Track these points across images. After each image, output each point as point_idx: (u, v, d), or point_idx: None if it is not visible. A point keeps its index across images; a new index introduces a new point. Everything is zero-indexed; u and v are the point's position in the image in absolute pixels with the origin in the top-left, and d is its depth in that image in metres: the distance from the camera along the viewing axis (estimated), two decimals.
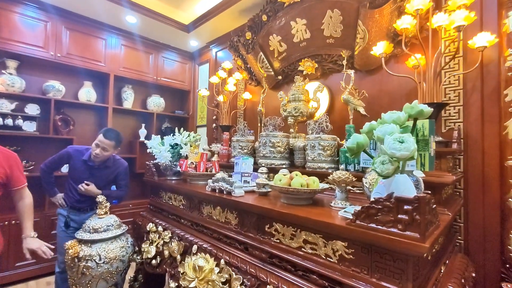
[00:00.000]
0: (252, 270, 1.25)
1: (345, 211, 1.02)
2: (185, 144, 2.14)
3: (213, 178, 1.68)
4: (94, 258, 1.75)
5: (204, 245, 1.55)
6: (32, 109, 2.84)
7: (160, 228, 1.94)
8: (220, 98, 3.01)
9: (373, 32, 1.87)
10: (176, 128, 2.34)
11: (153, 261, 1.83)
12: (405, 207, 0.80)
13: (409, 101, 1.86)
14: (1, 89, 2.38)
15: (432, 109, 0.96)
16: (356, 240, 0.94)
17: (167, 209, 2.07)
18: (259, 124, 2.61)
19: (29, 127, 2.79)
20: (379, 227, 0.85)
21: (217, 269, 1.40)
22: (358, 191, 1.49)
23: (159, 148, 2.14)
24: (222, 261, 1.39)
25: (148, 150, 2.26)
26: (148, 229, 2.04)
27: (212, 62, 3.77)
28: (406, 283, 0.83)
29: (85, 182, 2.04)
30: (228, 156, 2.41)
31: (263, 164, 1.90)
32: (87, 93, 3.19)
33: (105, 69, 3.24)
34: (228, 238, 1.49)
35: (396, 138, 0.82)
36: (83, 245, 1.79)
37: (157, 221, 2.05)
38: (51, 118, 2.87)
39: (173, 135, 2.25)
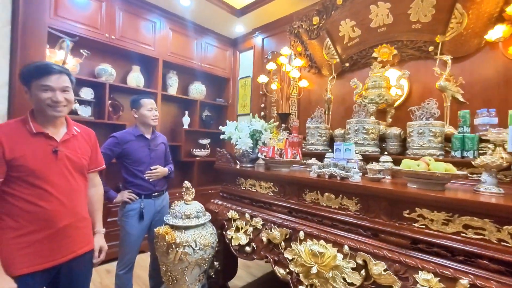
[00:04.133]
0: (393, 256, 1.23)
1: None
2: (265, 130, 2.08)
3: (318, 164, 1.64)
4: (190, 244, 1.71)
5: (315, 232, 1.52)
6: (87, 93, 2.74)
7: (247, 216, 1.90)
8: (273, 86, 2.96)
9: (472, 17, 1.82)
10: (251, 114, 2.28)
11: (247, 248, 1.80)
12: None
13: (509, 89, 1.85)
14: (73, 70, 2.27)
15: None
16: None
17: (249, 196, 2.03)
18: (326, 112, 2.56)
19: (85, 112, 2.70)
20: None
21: (340, 255, 1.38)
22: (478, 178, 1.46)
23: (238, 134, 2.08)
24: (346, 247, 1.37)
25: (221, 137, 2.20)
26: (229, 216, 2.00)
27: (257, 49, 3.67)
28: None
29: (150, 168, 1.95)
30: (299, 144, 2.36)
31: (356, 152, 1.86)
32: (136, 78, 3.09)
33: (154, 54, 3.13)
34: (346, 224, 1.46)
35: None
36: (176, 231, 1.75)
37: (239, 208, 2.01)
38: (105, 102, 2.77)
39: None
